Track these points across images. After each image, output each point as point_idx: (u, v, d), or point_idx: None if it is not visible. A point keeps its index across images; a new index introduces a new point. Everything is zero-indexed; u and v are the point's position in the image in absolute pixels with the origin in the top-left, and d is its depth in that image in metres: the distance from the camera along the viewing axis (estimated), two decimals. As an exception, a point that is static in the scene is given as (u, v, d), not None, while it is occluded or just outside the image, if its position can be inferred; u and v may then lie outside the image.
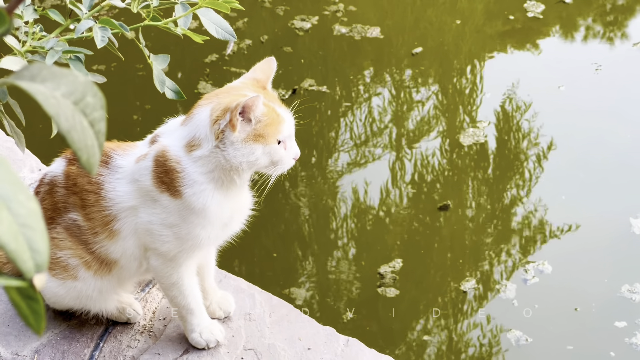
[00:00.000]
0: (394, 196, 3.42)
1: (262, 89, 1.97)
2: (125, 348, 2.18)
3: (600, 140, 3.61)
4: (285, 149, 1.93)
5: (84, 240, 2.04)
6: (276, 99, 1.97)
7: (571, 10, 4.34)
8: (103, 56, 2.25)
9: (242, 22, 4.28)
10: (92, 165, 0.81)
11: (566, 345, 2.77)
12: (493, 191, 3.41)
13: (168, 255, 2.00)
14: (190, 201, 1.92)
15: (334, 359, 2.15)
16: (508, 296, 2.95)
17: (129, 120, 3.69)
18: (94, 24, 1.53)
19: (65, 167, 2.06)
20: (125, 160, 2.01)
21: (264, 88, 1.98)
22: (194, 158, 1.91)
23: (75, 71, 0.81)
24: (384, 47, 4.12)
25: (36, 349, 2.17)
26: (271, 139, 1.90)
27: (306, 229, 3.32)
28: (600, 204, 3.30)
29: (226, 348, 2.16)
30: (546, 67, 4.05)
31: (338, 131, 3.71)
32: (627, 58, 4.05)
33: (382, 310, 2.98)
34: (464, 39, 4.22)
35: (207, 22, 1.58)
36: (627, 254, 3.09)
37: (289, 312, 2.27)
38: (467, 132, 3.62)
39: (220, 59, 4.02)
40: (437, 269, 3.12)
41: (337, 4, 4.33)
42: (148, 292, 2.33)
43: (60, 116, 0.79)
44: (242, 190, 2.00)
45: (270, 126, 1.89)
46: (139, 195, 1.97)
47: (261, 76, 1.99)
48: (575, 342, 2.79)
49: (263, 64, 2.01)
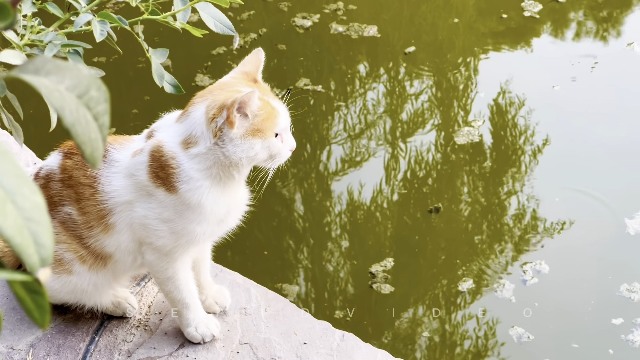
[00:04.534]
0: (388, 193, 3.42)
1: (253, 82, 1.97)
2: (120, 342, 2.18)
3: (595, 141, 3.61)
4: (282, 141, 1.93)
5: (79, 235, 2.03)
6: (269, 91, 1.97)
7: (565, 8, 4.35)
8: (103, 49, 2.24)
9: (247, 14, 4.27)
10: (95, 158, 0.81)
11: (570, 343, 2.79)
12: (488, 190, 3.41)
13: (163, 250, 2.00)
14: (186, 197, 1.92)
15: (329, 353, 2.15)
16: (505, 295, 2.96)
17: (128, 114, 3.68)
18: (93, 18, 1.53)
19: (61, 161, 2.05)
20: (121, 154, 2.00)
21: (256, 81, 1.98)
22: (191, 155, 1.91)
23: (79, 65, 0.81)
24: (380, 46, 4.12)
25: (31, 343, 2.17)
26: (269, 133, 1.90)
27: (299, 225, 3.32)
28: (594, 205, 3.30)
29: (222, 342, 2.16)
30: (540, 66, 4.06)
31: (330, 128, 3.71)
32: (622, 56, 4.05)
33: (377, 306, 2.98)
34: (460, 37, 4.23)
35: (206, 16, 1.58)
36: (623, 254, 3.09)
37: (285, 306, 2.27)
38: (462, 131, 3.62)
39: (229, 52, 4.02)
40: (432, 268, 3.13)
41: (337, 2, 4.33)
42: (144, 286, 2.33)
43: (64, 109, 0.78)
44: (238, 186, 2.00)
45: (267, 120, 1.89)
46: (135, 189, 1.97)
47: (250, 69, 1.99)
48: (577, 340, 2.80)
49: (251, 57, 2.01)
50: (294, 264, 3.17)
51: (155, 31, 4.05)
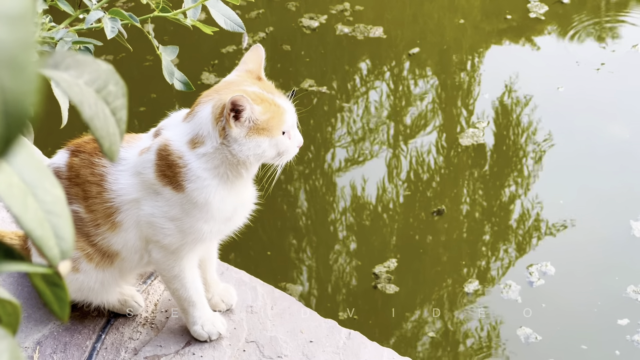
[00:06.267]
0: (392, 194, 3.42)
1: (257, 79, 1.98)
2: (127, 340, 2.18)
3: (600, 142, 3.61)
4: (289, 138, 1.94)
5: (86, 233, 2.04)
6: (274, 88, 1.97)
7: (570, 9, 4.35)
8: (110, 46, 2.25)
9: (255, 13, 4.27)
10: (113, 152, 0.81)
11: (577, 343, 2.79)
12: (490, 193, 3.42)
13: (170, 249, 2.00)
14: (193, 195, 1.92)
15: (335, 351, 2.15)
16: (511, 296, 2.96)
17: (135, 111, 3.69)
18: (104, 15, 1.53)
19: (68, 159, 2.06)
20: (128, 152, 2.01)
21: (259, 78, 1.98)
22: (198, 155, 1.91)
23: (97, 59, 0.81)
24: (384, 47, 4.12)
25: (38, 341, 2.17)
26: (276, 131, 1.90)
27: (303, 224, 3.32)
28: (599, 206, 3.30)
29: (228, 340, 2.16)
30: (545, 66, 4.06)
31: (334, 129, 3.71)
32: (627, 57, 4.06)
33: (382, 306, 2.98)
34: (465, 38, 4.23)
35: (215, 13, 1.58)
36: (628, 256, 3.09)
37: (291, 304, 2.27)
38: (467, 132, 3.63)
39: (239, 51, 4.02)
40: (437, 268, 3.13)
41: (343, 3, 4.33)
42: (150, 284, 2.33)
43: (83, 104, 0.79)
44: (246, 184, 2.00)
45: (274, 119, 1.89)
46: (142, 187, 1.97)
47: (253, 67, 1.99)
48: (584, 341, 2.80)
49: (251, 54, 2.01)
50: (297, 263, 3.17)
51: (164, 30, 4.05)
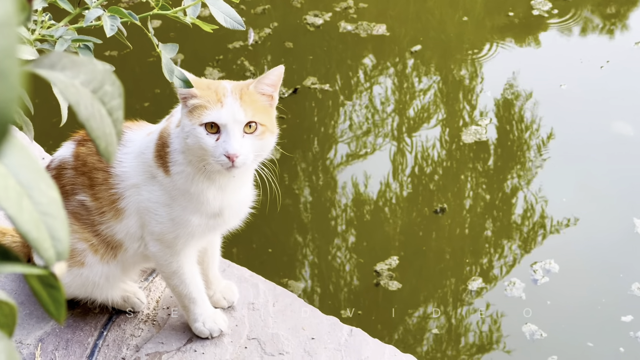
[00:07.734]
0: (395, 190, 3.42)
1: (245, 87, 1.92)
2: (129, 337, 2.18)
3: (603, 139, 3.60)
4: (217, 140, 1.86)
5: (91, 221, 2.05)
6: (240, 90, 1.88)
7: (573, 6, 4.34)
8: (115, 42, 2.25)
9: (261, 8, 4.27)
10: (110, 152, 0.81)
11: (582, 340, 2.79)
12: (493, 190, 3.41)
13: (163, 239, 2.01)
14: (175, 179, 1.95)
15: (337, 348, 2.15)
16: (515, 294, 2.96)
17: (139, 107, 3.69)
18: (103, 13, 1.53)
19: (74, 149, 2.07)
20: (136, 134, 2.03)
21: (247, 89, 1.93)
22: (176, 134, 1.95)
23: (93, 60, 0.81)
24: (387, 44, 4.12)
25: (40, 338, 2.17)
26: (195, 120, 1.86)
27: (305, 220, 3.32)
28: (603, 204, 3.30)
29: (230, 337, 2.16)
30: (548, 63, 4.05)
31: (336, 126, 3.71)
32: (630, 54, 4.04)
33: (385, 303, 2.98)
34: (468, 34, 4.22)
35: (215, 11, 1.58)
36: (632, 253, 3.09)
37: (293, 301, 2.27)
38: (470, 129, 3.62)
39: (245, 47, 4.02)
40: (440, 265, 3.12)
41: (347, 0, 4.32)
42: (152, 281, 2.33)
43: (79, 104, 0.79)
44: (239, 185, 1.99)
45: (200, 107, 1.86)
46: (142, 170, 1.99)
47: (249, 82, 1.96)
48: (589, 337, 2.80)
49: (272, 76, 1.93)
50: (299, 260, 3.17)
51: (171, 27, 4.06)
